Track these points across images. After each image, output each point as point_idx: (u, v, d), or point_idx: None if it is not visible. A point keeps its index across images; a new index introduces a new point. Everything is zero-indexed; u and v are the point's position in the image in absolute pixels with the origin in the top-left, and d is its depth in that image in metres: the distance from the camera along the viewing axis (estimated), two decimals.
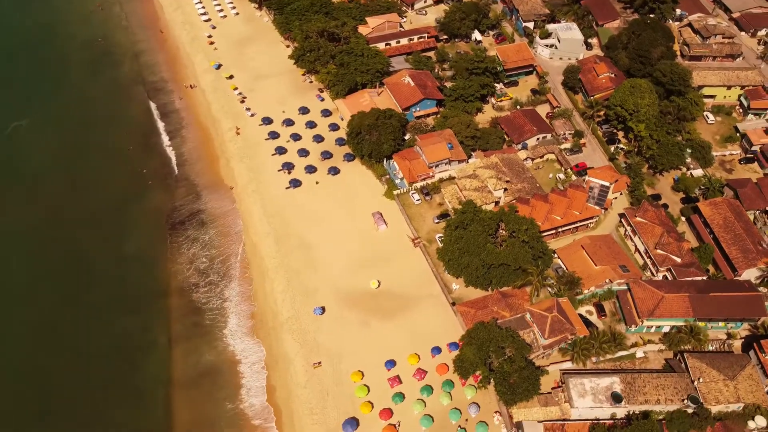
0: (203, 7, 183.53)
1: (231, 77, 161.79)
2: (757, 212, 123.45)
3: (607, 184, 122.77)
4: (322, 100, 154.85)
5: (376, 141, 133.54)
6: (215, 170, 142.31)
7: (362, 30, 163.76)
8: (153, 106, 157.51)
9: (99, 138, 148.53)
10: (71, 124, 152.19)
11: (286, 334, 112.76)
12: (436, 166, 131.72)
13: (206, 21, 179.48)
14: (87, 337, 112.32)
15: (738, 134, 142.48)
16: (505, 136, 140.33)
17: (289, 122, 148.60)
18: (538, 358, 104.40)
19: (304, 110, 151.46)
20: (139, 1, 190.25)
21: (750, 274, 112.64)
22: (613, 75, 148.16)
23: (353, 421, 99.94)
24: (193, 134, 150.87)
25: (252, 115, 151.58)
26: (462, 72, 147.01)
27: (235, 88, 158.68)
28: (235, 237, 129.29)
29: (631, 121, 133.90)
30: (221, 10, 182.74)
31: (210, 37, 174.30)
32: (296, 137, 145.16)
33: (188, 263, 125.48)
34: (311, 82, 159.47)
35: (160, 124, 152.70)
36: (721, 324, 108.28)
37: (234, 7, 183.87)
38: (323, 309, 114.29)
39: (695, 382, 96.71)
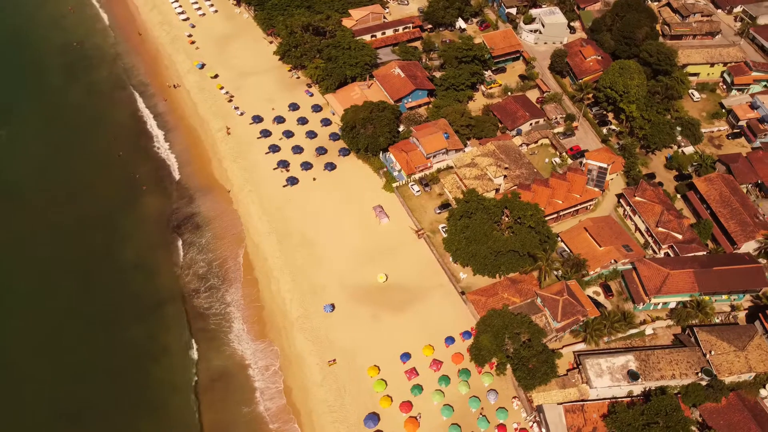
0: (180, 6, 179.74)
1: (216, 76, 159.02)
2: (750, 186, 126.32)
3: (605, 165, 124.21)
4: (311, 95, 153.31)
5: (371, 134, 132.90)
6: (209, 172, 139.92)
7: (346, 23, 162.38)
8: (140, 108, 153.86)
9: (85, 145, 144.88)
10: (54, 132, 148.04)
11: (297, 333, 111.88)
12: (434, 156, 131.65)
13: (185, 20, 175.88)
14: (93, 350, 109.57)
15: (724, 110, 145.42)
16: (499, 123, 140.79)
17: (280, 119, 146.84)
18: (551, 342, 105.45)
19: (294, 106, 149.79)
20: (113, 3, 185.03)
21: (748, 247, 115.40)
22: (600, 57, 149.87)
23: (374, 416, 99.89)
24: (182, 136, 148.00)
25: (241, 114, 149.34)
26: (451, 61, 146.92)
27: (221, 87, 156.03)
28: (235, 238, 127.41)
29: (622, 103, 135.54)
30: (199, 8, 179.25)
31: (190, 36, 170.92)
32: (289, 134, 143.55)
33: (189, 268, 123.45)
34: (298, 77, 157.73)
35: (148, 127, 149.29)
36: (724, 297, 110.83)
37: (212, 5, 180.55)
38: (333, 306, 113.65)
39: (707, 355, 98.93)
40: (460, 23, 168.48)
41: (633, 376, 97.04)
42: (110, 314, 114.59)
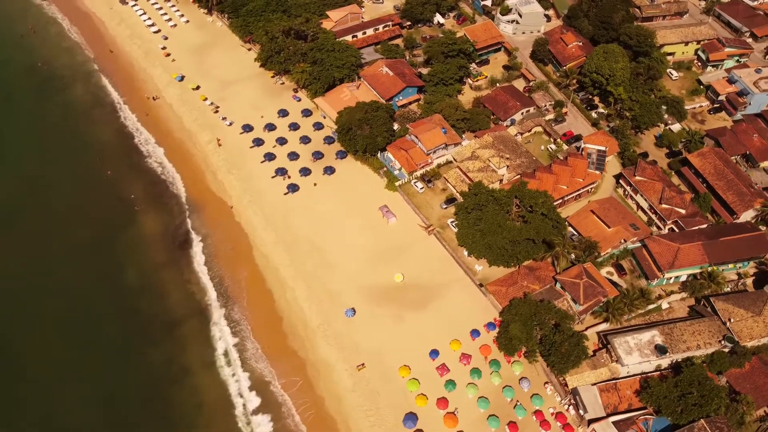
0: (149, 18, 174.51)
1: (197, 88, 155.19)
2: (738, 157, 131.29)
3: (603, 148, 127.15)
4: (299, 100, 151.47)
5: (369, 135, 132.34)
6: (205, 186, 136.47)
7: (326, 24, 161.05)
8: (123, 124, 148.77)
9: (70, 168, 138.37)
10: (33, 158, 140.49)
11: (320, 341, 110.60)
12: (434, 152, 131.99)
13: (156, 32, 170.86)
14: (114, 380, 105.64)
15: (702, 86, 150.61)
16: (491, 115, 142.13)
17: (270, 127, 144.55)
18: (574, 325, 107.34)
19: (283, 113, 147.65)
20: (77, 19, 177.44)
21: (747, 216, 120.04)
22: (581, 43, 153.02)
23: (412, 416, 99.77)
24: (171, 151, 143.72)
25: (230, 124, 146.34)
26: (438, 56, 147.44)
27: (205, 99, 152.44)
28: (241, 251, 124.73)
29: (610, 86, 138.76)
30: (169, 20, 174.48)
31: (164, 48, 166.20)
32: (282, 141, 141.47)
33: (197, 284, 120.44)
34: (283, 83, 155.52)
35: (135, 143, 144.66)
36: (730, 266, 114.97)
37: (182, 15, 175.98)
38: (354, 310, 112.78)
39: (727, 323, 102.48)
40: (438, 18, 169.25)
41: (661, 350, 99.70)
42: (129, 341, 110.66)
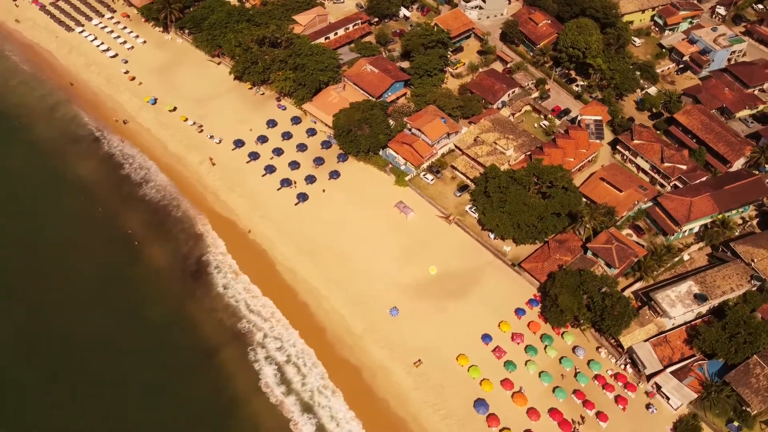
0: (102, 43, 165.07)
1: (174, 109, 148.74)
2: (715, 111, 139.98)
3: (599, 118, 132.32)
4: (284, 108, 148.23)
5: (370, 134, 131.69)
6: (207, 207, 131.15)
7: (296, 30, 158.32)
8: (101, 156, 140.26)
9: (55, 211, 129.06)
10: (8, 206, 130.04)
11: (370, 345, 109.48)
12: (438, 142, 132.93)
13: (113, 57, 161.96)
14: (161, 420, 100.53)
15: (664, 50, 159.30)
16: (482, 100, 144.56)
17: (263, 139, 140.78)
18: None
19: (272, 123, 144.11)
20: (21, 55, 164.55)
21: (739, 164, 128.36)
22: (549, 21, 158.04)
23: (482, 402, 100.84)
24: (162, 177, 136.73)
25: (219, 141, 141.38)
26: (418, 48, 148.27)
27: (186, 119, 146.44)
28: (263, 268, 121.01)
29: (588, 58, 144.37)
30: (124, 42, 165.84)
31: (127, 72, 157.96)
32: (279, 152, 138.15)
33: (225, 310, 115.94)
34: (263, 93, 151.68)
35: (122, 174, 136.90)
36: (733, 212, 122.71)
37: (137, 36, 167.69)
38: (397, 309, 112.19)
39: (751, 264, 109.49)
40: (404, 12, 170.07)
41: (701, 298, 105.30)
42: (167, 378, 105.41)
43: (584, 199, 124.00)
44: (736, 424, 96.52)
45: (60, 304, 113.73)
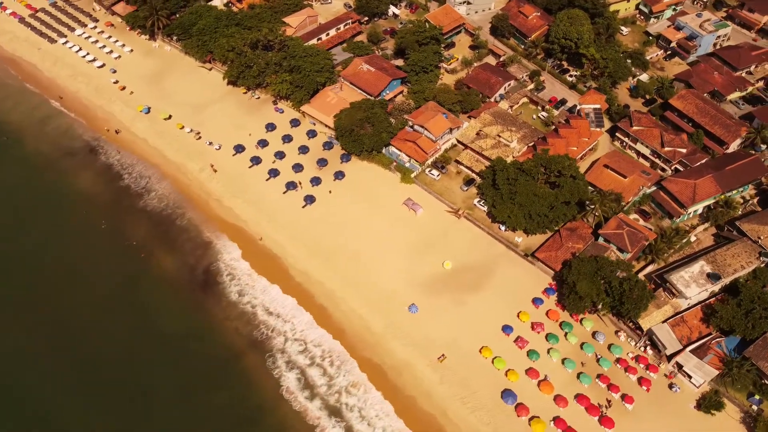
0: (88, 53, 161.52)
1: (169, 117, 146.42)
2: (706, 95, 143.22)
3: (598, 106, 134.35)
4: (282, 111, 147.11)
5: (373, 133, 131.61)
6: (213, 215, 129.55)
7: (287, 32, 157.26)
8: (99, 168, 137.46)
9: (56, 228, 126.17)
10: (7, 229, 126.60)
11: (392, 343, 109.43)
12: (441, 138, 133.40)
13: (100, 67, 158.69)
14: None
15: (651, 37, 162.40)
16: (479, 94, 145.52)
17: (263, 143, 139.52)
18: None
19: (270, 126, 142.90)
20: (4, 69, 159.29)
21: (735, 145, 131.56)
22: (539, 14, 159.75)
23: (509, 392, 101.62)
24: (163, 186, 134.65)
25: (218, 147, 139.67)
26: (413, 45, 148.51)
27: (182, 127, 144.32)
28: (276, 272, 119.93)
29: (581, 48, 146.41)
30: (110, 52, 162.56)
31: (117, 82, 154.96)
32: (281, 155, 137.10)
33: (240, 318, 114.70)
34: (258, 97, 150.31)
35: (121, 185, 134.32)
36: (734, 192, 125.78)
37: (123, 45, 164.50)
38: (415, 305, 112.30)
39: (758, 241, 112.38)
40: (393, 10, 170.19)
41: (714, 277, 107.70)
42: (190, 389, 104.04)
43: (590, 187, 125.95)
44: (757, 397, 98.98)
45: (75, 322, 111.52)
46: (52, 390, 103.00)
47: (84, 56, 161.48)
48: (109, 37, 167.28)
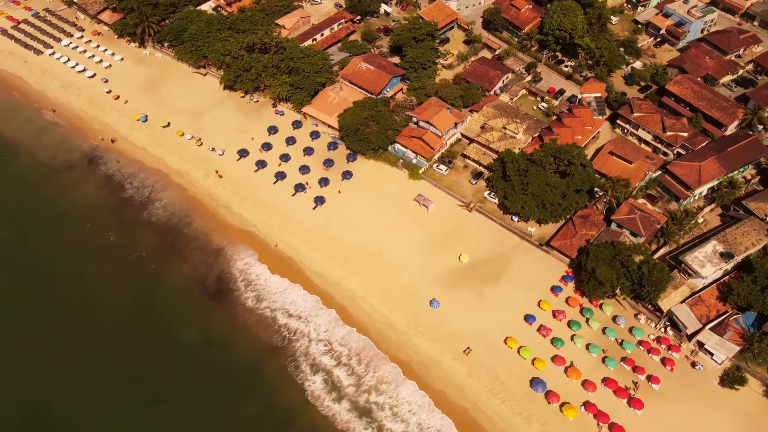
0: (77, 64, 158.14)
1: (168, 125, 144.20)
2: (699, 79, 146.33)
3: (599, 95, 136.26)
4: (282, 114, 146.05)
5: (379, 131, 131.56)
6: (222, 221, 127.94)
7: (282, 33, 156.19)
8: (101, 179, 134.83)
9: (65, 244, 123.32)
10: (9, 244, 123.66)
11: (417, 339, 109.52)
12: (446, 133, 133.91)
13: (91, 77, 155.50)
14: None
15: (640, 26, 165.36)
16: (480, 88, 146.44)
17: (267, 146, 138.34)
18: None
19: (272, 129, 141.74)
20: None
21: (733, 127, 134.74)
22: (531, 6, 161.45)
23: (538, 380, 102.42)
24: (168, 194, 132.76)
25: (221, 153, 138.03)
26: (409, 42, 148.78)
27: (182, 134, 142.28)
28: (292, 275, 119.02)
29: (576, 39, 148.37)
30: (100, 61, 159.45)
31: (110, 92, 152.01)
32: (286, 158, 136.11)
33: (258, 324, 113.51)
34: (257, 101, 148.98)
35: (125, 196, 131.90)
36: (735, 172, 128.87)
37: (113, 54, 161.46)
38: (437, 300, 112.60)
39: (765, 219, 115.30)
40: (385, 8, 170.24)
41: (728, 255, 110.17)
42: (217, 398, 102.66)
43: (597, 175, 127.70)
44: None
45: (95, 341, 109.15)
46: (85, 409, 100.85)
47: (73, 67, 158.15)
48: (98, 46, 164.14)
